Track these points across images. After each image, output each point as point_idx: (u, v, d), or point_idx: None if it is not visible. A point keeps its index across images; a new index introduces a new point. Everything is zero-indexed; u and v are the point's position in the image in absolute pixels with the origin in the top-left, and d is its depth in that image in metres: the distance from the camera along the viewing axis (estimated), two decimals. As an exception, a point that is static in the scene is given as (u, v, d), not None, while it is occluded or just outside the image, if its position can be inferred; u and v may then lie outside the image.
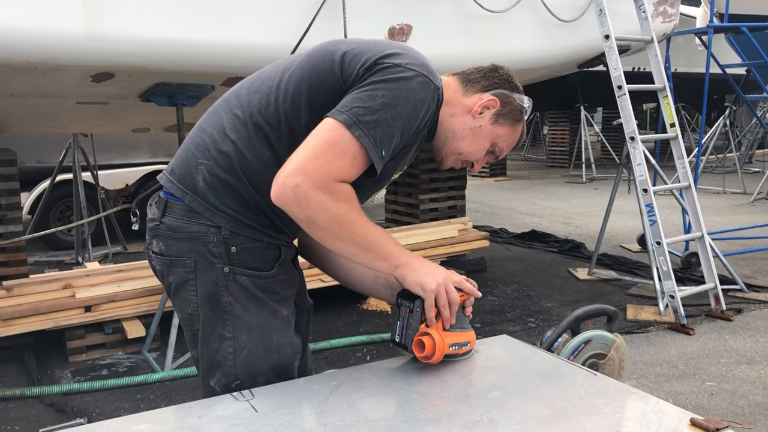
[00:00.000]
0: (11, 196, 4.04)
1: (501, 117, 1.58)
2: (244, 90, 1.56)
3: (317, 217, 1.36)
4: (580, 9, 4.73)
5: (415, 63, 1.45)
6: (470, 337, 1.55)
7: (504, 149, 1.64)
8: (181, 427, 1.25)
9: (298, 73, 1.49)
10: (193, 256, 1.50)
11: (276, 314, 1.55)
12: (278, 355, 1.55)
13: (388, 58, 1.44)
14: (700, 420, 1.21)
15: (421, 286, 1.45)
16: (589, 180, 12.70)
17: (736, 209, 9.23)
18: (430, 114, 1.48)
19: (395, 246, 1.47)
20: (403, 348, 1.51)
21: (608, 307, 1.84)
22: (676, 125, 4.79)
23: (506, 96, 1.58)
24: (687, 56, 11.23)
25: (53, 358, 3.93)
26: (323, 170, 1.34)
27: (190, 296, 1.53)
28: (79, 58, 3.31)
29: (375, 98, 1.39)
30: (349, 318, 4.56)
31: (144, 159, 7.59)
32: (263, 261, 1.53)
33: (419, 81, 1.43)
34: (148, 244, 1.60)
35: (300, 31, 3.68)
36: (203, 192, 1.50)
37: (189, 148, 1.56)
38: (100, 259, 6.23)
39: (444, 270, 1.50)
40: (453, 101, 1.57)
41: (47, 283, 4.03)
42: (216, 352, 1.53)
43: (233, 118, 1.52)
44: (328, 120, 1.39)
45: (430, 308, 1.46)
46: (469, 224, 5.71)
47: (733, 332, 4.29)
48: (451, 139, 1.58)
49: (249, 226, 1.51)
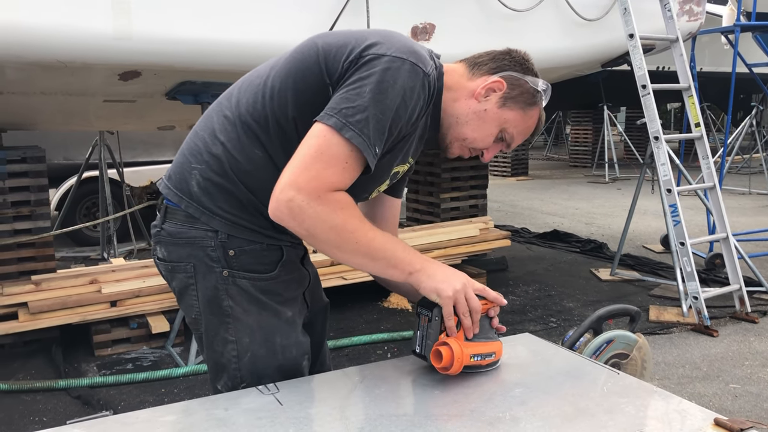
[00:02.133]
0: (40, 192, 4.11)
1: (509, 100, 1.49)
2: (235, 90, 1.54)
3: (315, 229, 1.33)
4: (604, 8, 4.69)
5: (401, 50, 1.38)
6: (495, 348, 1.47)
7: (515, 136, 1.54)
8: (208, 419, 1.27)
9: (284, 69, 1.46)
10: (193, 261, 1.49)
11: (279, 315, 1.53)
12: (283, 356, 1.53)
13: (371, 48, 1.38)
14: (724, 420, 1.21)
15: (437, 292, 1.38)
16: (611, 180, 12.60)
17: (762, 210, 9.10)
18: (422, 102, 1.42)
19: (406, 251, 1.41)
20: (423, 358, 1.46)
21: (631, 307, 1.83)
22: (701, 125, 4.74)
23: (516, 78, 1.49)
24: (713, 55, 11.08)
25: (80, 352, 4.00)
26: (314, 181, 1.31)
27: (192, 301, 1.53)
28: (107, 57, 3.36)
29: (362, 95, 1.33)
30: (370, 316, 4.58)
31: (169, 156, 7.67)
32: (263, 263, 1.51)
33: (406, 69, 1.37)
34: (153, 250, 1.59)
35: (324, 29, 3.70)
36: (198, 196, 1.48)
37: (183, 154, 1.54)
38: (125, 255, 6.31)
39: (464, 276, 1.43)
40: (456, 86, 1.50)
41: (74, 278, 4.10)
42: (220, 355, 1.53)
43: (223, 120, 1.49)
44: (316, 126, 1.35)
45: (449, 316, 1.39)
46: (490, 223, 5.69)
47: (758, 334, 4.24)
48: (455, 124, 1.51)
49: (246, 228, 1.49)
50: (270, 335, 1.52)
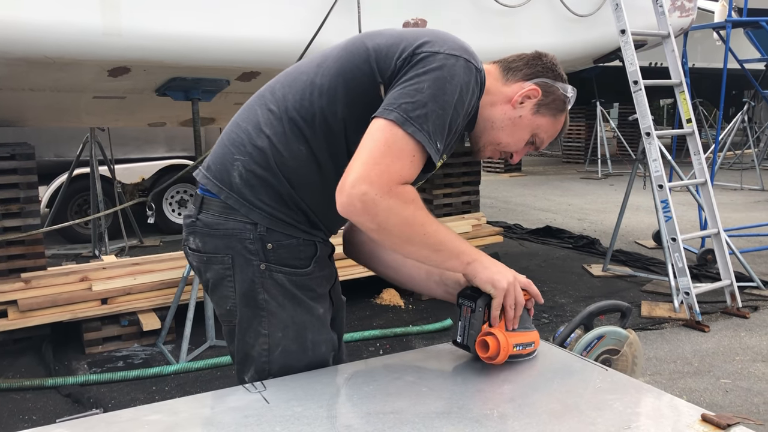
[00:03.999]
0: (29, 190, 4.08)
1: (543, 107, 1.53)
2: (278, 85, 1.55)
3: (387, 222, 1.33)
4: (596, 3, 4.69)
5: (454, 47, 1.41)
6: (534, 338, 1.51)
7: (545, 140, 1.59)
8: (193, 418, 1.26)
9: (333, 67, 1.47)
10: (230, 253, 1.49)
11: (312, 312, 1.54)
12: (313, 352, 1.54)
13: (424, 46, 1.40)
14: (711, 416, 1.21)
15: (492, 283, 1.42)
16: (604, 176, 12.62)
17: (753, 206, 9.13)
18: (475, 98, 1.45)
19: (463, 243, 1.44)
20: (465, 348, 1.48)
21: (621, 303, 1.83)
22: (692, 121, 4.75)
23: (549, 85, 1.53)
24: (705, 51, 11.12)
25: (70, 350, 3.98)
26: (385, 175, 1.32)
27: (228, 292, 1.53)
28: (96, 53, 3.34)
29: (421, 91, 1.35)
30: (362, 312, 4.58)
31: (160, 153, 7.65)
32: (299, 258, 1.51)
33: (461, 65, 1.39)
34: (185, 240, 1.59)
35: (315, 25, 3.69)
36: (239, 188, 1.48)
37: (225, 144, 1.54)
38: (117, 253, 6.29)
39: (512, 270, 1.47)
40: (493, 90, 1.53)
41: (64, 276, 4.08)
42: (251, 347, 1.53)
43: (268, 114, 1.50)
44: (378, 121, 1.35)
45: (498, 307, 1.43)
46: (483, 219, 5.70)
47: (748, 330, 4.25)
48: (490, 129, 1.54)
49: (285, 222, 1.49)
50: (302, 331, 1.53)
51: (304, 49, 3.66)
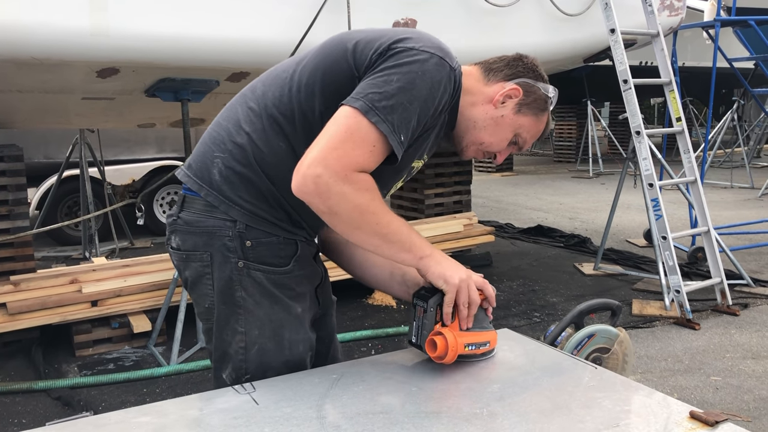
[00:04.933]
0: (18, 192, 4.06)
1: (524, 106, 1.54)
2: (259, 83, 1.56)
3: (338, 207, 1.34)
4: (585, 3, 4.71)
5: (429, 45, 1.42)
6: (490, 337, 1.50)
7: (528, 140, 1.61)
8: (182, 420, 1.26)
9: (312, 63, 1.49)
10: (209, 251, 1.50)
11: (290, 310, 1.54)
12: (290, 351, 1.54)
13: (400, 42, 1.42)
14: (699, 413, 1.21)
15: (444, 278, 1.42)
16: (596, 175, 12.67)
17: (743, 204, 9.18)
18: (447, 96, 1.45)
19: (419, 238, 1.45)
20: (419, 348, 1.48)
21: (612, 301, 1.83)
22: (682, 119, 4.77)
23: (530, 85, 1.54)
24: (695, 50, 11.17)
25: (60, 353, 3.96)
26: (343, 160, 1.32)
27: (207, 290, 1.53)
28: (84, 54, 3.32)
29: (390, 83, 1.36)
30: (354, 313, 4.57)
31: (151, 155, 7.62)
32: (279, 256, 1.51)
33: (434, 62, 1.40)
34: (167, 239, 1.59)
35: (305, 25, 3.68)
36: (219, 185, 1.49)
37: (206, 143, 1.56)
38: (107, 255, 6.26)
39: (467, 269, 1.47)
40: (474, 90, 1.54)
41: (54, 278, 4.05)
42: (228, 345, 1.53)
43: (248, 111, 1.51)
44: (344, 108, 1.37)
45: (449, 303, 1.43)
46: (474, 219, 5.70)
47: (739, 327, 4.27)
48: (472, 128, 1.55)
49: (265, 219, 1.49)
50: (279, 329, 1.53)
51: (293, 49, 3.65)
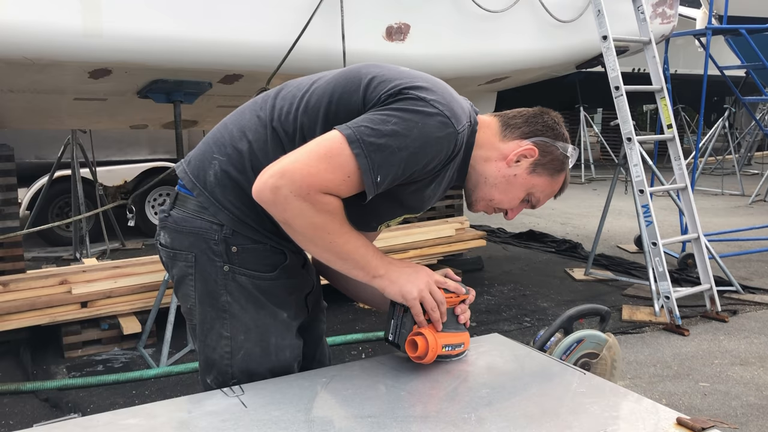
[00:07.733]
0: (8, 192, 4.04)
1: (539, 167, 1.50)
2: (273, 93, 1.55)
3: (294, 221, 1.34)
4: (578, 9, 4.73)
5: (441, 102, 1.37)
6: (464, 339, 1.53)
7: (541, 199, 1.56)
8: (170, 422, 1.26)
9: (324, 87, 1.47)
10: (194, 252, 1.50)
11: (276, 316, 1.54)
12: (276, 357, 1.54)
13: (415, 90, 1.38)
14: (686, 419, 1.22)
15: (402, 296, 1.42)
16: (588, 180, 12.72)
17: (733, 211, 9.24)
18: (444, 157, 1.40)
19: (375, 256, 1.42)
20: (396, 346, 1.50)
21: (601, 306, 1.84)
22: (673, 126, 4.79)
23: (547, 144, 1.49)
24: (687, 58, 11.24)
25: (49, 354, 3.94)
26: (310, 178, 1.30)
27: (189, 291, 1.53)
28: (77, 54, 3.31)
29: (387, 123, 1.33)
30: (345, 316, 4.57)
31: (143, 156, 7.60)
32: (265, 263, 1.51)
33: (438, 120, 1.35)
34: (157, 235, 1.60)
35: (298, 28, 3.68)
36: (212, 187, 1.49)
37: (208, 142, 1.56)
38: (98, 256, 6.23)
39: (426, 273, 1.46)
40: (488, 145, 1.50)
41: (43, 279, 4.03)
42: (213, 350, 1.54)
43: (255, 119, 1.51)
44: (334, 131, 1.35)
45: (417, 314, 1.44)
46: (466, 223, 5.71)
47: (727, 333, 4.30)
48: (483, 184, 1.52)
49: (252, 227, 1.49)
50: (265, 335, 1.53)
51: (287, 52, 3.65)
